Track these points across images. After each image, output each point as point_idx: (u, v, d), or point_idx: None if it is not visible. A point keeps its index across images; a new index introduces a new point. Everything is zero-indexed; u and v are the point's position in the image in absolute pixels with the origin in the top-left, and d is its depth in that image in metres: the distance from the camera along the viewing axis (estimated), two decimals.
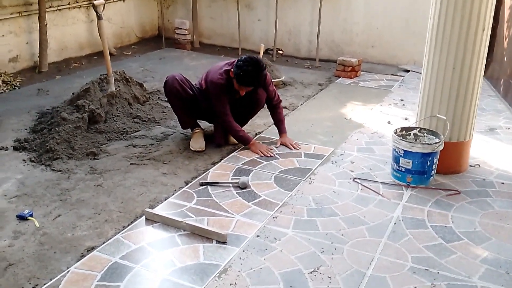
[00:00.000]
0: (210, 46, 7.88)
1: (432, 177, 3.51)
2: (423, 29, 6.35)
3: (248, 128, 4.41)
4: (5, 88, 5.50)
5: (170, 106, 4.26)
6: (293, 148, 4.09)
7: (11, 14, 5.96)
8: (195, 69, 6.38)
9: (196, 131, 4.18)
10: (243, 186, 3.43)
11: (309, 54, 7.30)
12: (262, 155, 3.94)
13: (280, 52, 7.45)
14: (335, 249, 2.77)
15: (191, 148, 4.04)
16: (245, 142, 4.05)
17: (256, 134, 4.40)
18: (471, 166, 3.80)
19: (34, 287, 2.44)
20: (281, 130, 4.23)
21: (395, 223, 3.03)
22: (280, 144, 4.14)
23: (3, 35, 5.92)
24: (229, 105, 3.97)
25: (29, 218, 3.01)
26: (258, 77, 3.80)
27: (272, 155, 3.95)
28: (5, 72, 5.87)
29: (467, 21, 3.33)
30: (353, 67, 6.22)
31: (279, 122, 4.24)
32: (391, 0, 6.66)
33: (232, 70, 3.84)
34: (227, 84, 3.90)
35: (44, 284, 2.45)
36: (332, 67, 6.68)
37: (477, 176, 3.66)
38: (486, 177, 3.65)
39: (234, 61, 3.89)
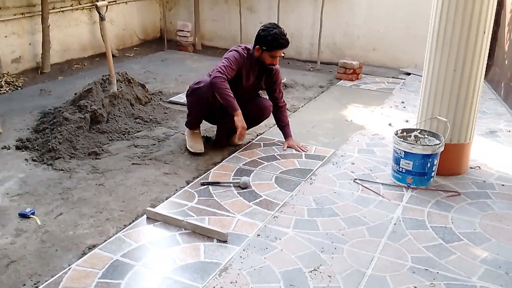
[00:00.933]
0: (212, 48, 7.91)
1: (432, 179, 3.52)
2: (424, 33, 6.38)
3: (249, 129, 4.40)
4: (8, 89, 5.53)
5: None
6: (301, 151, 4.06)
7: (14, 15, 6.00)
8: (197, 71, 6.41)
9: (195, 131, 4.11)
10: (244, 186, 3.44)
11: (311, 57, 7.33)
12: (238, 131, 3.72)
13: (282, 54, 7.44)
14: (335, 248, 2.78)
15: (190, 149, 3.98)
16: (232, 111, 3.72)
17: (258, 135, 4.42)
18: (471, 168, 3.82)
19: (36, 284, 2.46)
20: (287, 134, 4.17)
21: (395, 224, 3.04)
22: (287, 147, 4.12)
23: (6, 36, 5.95)
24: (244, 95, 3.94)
25: (31, 216, 3.03)
26: (285, 35, 3.85)
27: (241, 140, 4.07)
28: (8, 72, 5.90)
29: (468, 23, 3.35)
30: (354, 70, 6.25)
31: (284, 125, 4.18)
32: (393, 4, 6.69)
33: (257, 47, 3.82)
34: (247, 59, 3.86)
35: (46, 281, 2.47)
36: (333, 70, 6.70)
37: (477, 178, 3.68)
38: (486, 179, 3.66)
39: (246, 46, 3.93)
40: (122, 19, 7.67)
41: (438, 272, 2.59)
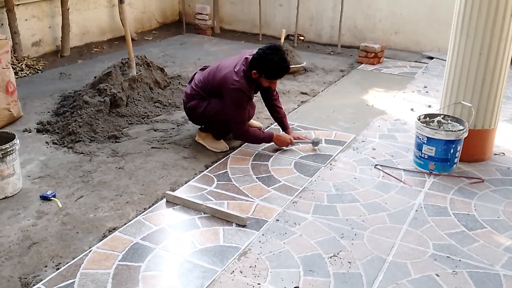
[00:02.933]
0: (231, 32, 7.87)
1: (455, 165, 3.48)
2: (448, 16, 6.26)
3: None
4: (28, 72, 5.59)
5: None
6: (306, 139, 3.94)
7: None
8: (216, 55, 6.39)
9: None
10: (316, 142, 3.79)
11: (331, 40, 7.24)
12: (287, 146, 3.79)
13: (302, 38, 7.40)
14: (355, 234, 2.77)
15: (215, 150, 3.77)
16: (269, 141, 3.78)
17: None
18: (495, 154, 3.75)
19: (57, 265, 2.50)
20: (286, 126, 3.99)
21: (416, 210, 3.01)
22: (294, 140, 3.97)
23: (26, 19, 6.00)
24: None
25: (52, 198, 3.08)
26: (286, 61, 3.54)
27: (293, 143, 3.83)
28: (28, 56, 5.96)
29: (495, 6, 3.26)
30: (375, 54, 6.16)
31: (282, 117, 4.00)
32: None
33: (254, 71, 3.52)
34: (249, 85, 3.57)
35: (67, 263, 2.51)
36: (354, 54, 6.62)
37: (502, 165, 3.61)
38: (511, 166, 3.60)
39: (246, 58, 3.60)
40: (141, 2, 7.66)
41: (460, 260, 2.57)
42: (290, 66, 3.75)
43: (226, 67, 3.63)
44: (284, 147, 3.82)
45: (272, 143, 3.80)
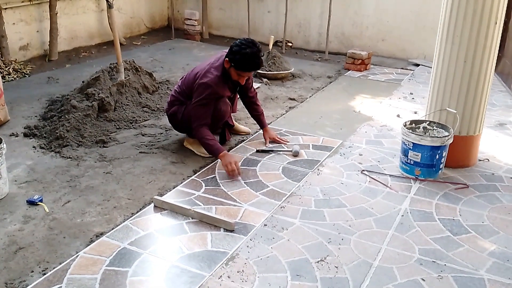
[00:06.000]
0: (219, 38, 7.88)
1: (440, 171, 3.51)
2: (433, 24, 6.34)
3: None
4: (15, 76, 5.54)
5: None
6: (282, 142, 3.98)
7: (22, 2, 5.99)
8: (204, 60, 6.38)
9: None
10: (295, 154, 3.72)
11: (319, 47, 7.28)
12: (228, 172, 3.41)
13: (290, 44, 7.44)
14: (342, 239, 2.78)
15: (203, 155, 3.74)
16: (214, 154, 3.55)
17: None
18: (480, 160, 3.79)
19: (44, 270, 2.47)
20: (264, 123, 4.03)
21: (402, 215, 3.03)
22: (270, 141, 3.99)
23: (14, 23, 5.95)
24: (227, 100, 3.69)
25: (39, 203, 3.05)
26: (259, 58, 3.46)
27: (235, 178, 3.41)
28: (16, 60, 5.91)
29: (480, 14, 3.31)
30: (362, 60, 6.21)
31: (260, 114, 4.02)
32: None
33: (226, 59, 3.49)
34: (222, 81, 3.52)
35: (54, 268, 2.48)
36: (341, 60, 6.66)
37: (486, 171, 3.65)
38: (495, 172, 3.64)
39: (221, 56, 3.58)
40: (129, 7, 7.64)
41: (445, 264, 2.59)
42: (278, 72, 3.76)
43: (201, 67, 3.64)
44: (225, 170, 3.45)
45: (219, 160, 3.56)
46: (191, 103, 3.62)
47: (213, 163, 3.65)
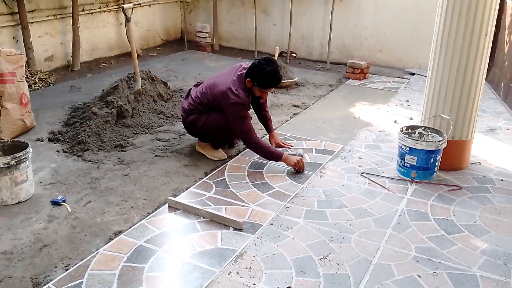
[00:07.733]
0: (229, 49, 7.88)
1: (435, 173, 3.48)
2: (427, 35, 6.31)
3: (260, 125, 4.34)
4: (41, 85, 5.57)
5: None
6: (286, 146, 3.98)
7: (47, 16, 6.02)
8: (215, 70, 6.39)
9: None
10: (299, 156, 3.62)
11: (321, 57, 7.27)
12: (298, 168, 3.55)
13: (294, 55, 7.42)
14: (343, 238, 2.76)
15: (213, 158, 3.75)
16: (277, 158, 3.57)
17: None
18: (472, 163, 3.76)
19: (67, 266, 2.47)
20: (271, 129, 4.02)
21: (399, 215, 3.01)
22: (275, 146, 3.97)
23: (39, 36, 5.98)
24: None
25: (62, 203, 3.05)
26: (279, 73, 3.51)
27: (303, 170, 3.57)
28: (41, 70, 5.94)
29: (471, 26, 3.28)
30: (362, 70, 6.18)
31: (268, 120, 4.01)
32: (399, 7, 6.60)
33: (248, 79, 3.50)
34: (248, 97, 3.53)
35: (76, 264, 2.48)
36: (342, 69, 6.64)
37: (478, 173, 3.62)
38: (486, 174, 3.60)
39: (241, 73, 3.55)
40: (146, 21, 7.67)
41: (440, 262, 2.56)
42: (283, 81, 3.75)
43: (222, 83, 3.55)
44: (293, 168, 3.56)
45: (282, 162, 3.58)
46: (214, 115, 3.60)
47: (222, 166, 3.64)
